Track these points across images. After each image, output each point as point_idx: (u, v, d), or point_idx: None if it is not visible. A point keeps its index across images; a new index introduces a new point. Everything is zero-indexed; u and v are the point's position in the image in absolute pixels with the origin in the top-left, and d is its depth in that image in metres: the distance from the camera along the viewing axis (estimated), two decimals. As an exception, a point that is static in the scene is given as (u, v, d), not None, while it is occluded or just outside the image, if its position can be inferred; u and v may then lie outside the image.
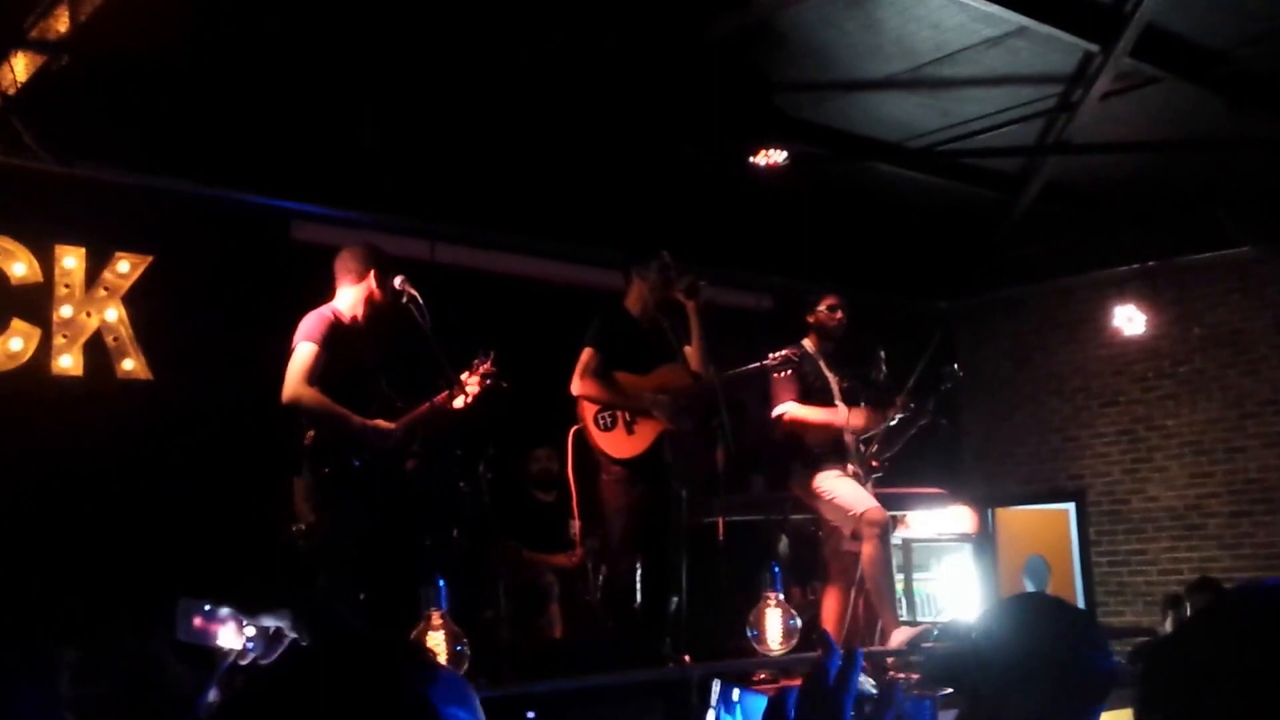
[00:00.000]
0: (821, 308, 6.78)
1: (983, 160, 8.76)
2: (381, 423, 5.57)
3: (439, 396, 5.75)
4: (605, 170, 7.83)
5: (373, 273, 5.77)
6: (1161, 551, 10.13)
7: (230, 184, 7.01)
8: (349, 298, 5.80)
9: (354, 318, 5.78)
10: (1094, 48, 7.00)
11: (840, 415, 6.60)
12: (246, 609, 2.18)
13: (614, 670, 5.64)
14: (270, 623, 2.18)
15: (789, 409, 6.53)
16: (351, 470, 5.54)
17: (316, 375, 5.50)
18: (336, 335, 5.63)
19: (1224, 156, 8.56)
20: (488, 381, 5.84)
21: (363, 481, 5.57)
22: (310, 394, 5.48)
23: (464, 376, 5.84)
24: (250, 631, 2.18)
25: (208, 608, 2.17)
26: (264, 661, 2.15)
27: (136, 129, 6.49)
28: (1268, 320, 9.72)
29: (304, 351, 5.53)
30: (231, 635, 2.18)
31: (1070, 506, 10.77)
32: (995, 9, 6.44)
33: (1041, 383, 10.94)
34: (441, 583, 4.77)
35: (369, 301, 5.78)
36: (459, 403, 5.77)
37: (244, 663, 2.18)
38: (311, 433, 5.57)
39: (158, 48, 6.13)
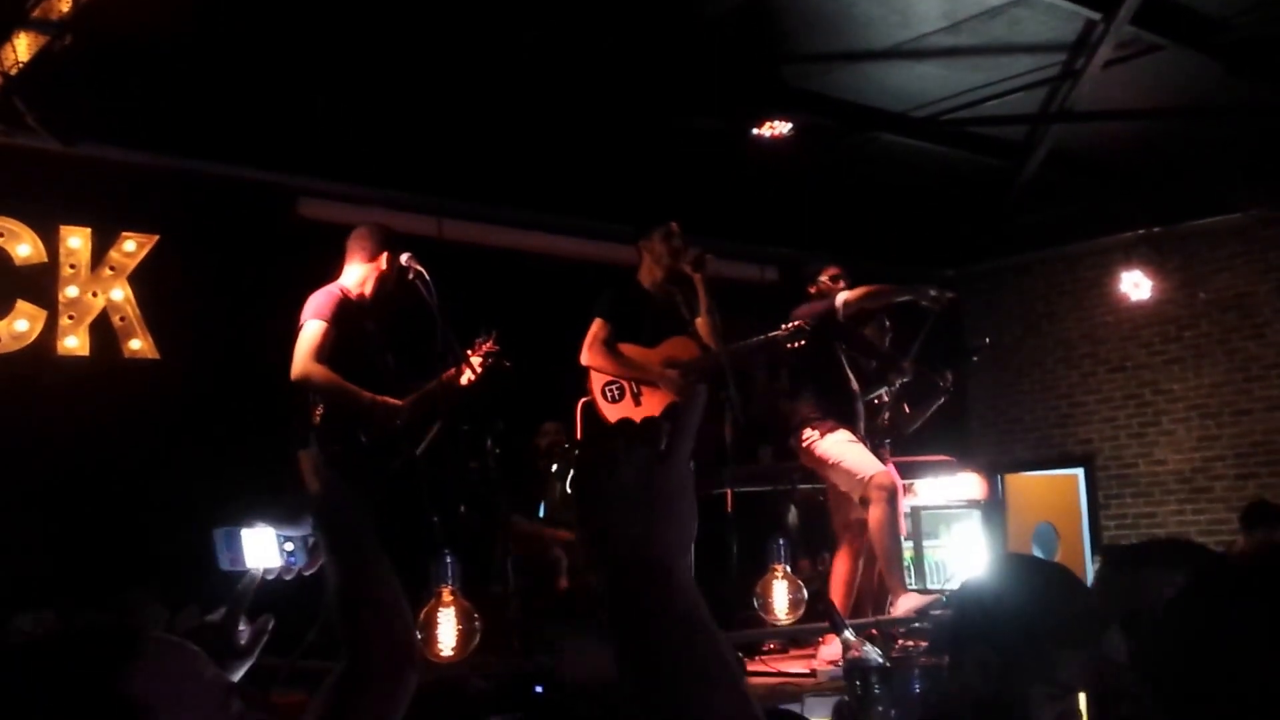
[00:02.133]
0: (824, 278, 6.78)
1: (987, 129, 8.73)
2: (390, 399, 5.59)
3: (446, 374, 5.78)
4: (612, 145, 7.81)
5: (385, 255, 5.77)
6: (1169, 515, 10.17)
7: (236, 161, 6.99)
8: (357, 275, 5.80)
9: (361, 295, 5.78)
10: (1096, 16, 6.98)
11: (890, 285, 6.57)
12: (282, 522, 2.14)
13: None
14: (307, 532, 2.12)
15: (844, 294, 6.47)
16: (360, 447, 5.55)
17: (325, 352, 5.50)
18: (345, 312, 5.64)
19: (1224, 122, 8.52)
20: (490, 360, 5.89)
21: (371, 458, 5.58)
22: (319, 370, 5.49)
23: (467, 354, 5.88)
24: (289, 546, 2.13)
25: (244, 529, 2.13)
26: (307, 573, 2.11)
27: (141, 108, 6.46)
28: (1272, 284, 9.72)
29: (312, 329, 5.54)
30: (273, 553, 2.12)
31: (1079, 472, 10.79)
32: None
33: (1049, 349, 10.95)
34: (450, 558, 4.78)
35: (378, 280, 5.79)
36: (465, 380, 5.82)
37: (287, 577, 2.12)
38: (320, 410, 5.57)
39: (161, 26, 6.05)
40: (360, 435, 5.56)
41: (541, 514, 7.70)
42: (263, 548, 2.12)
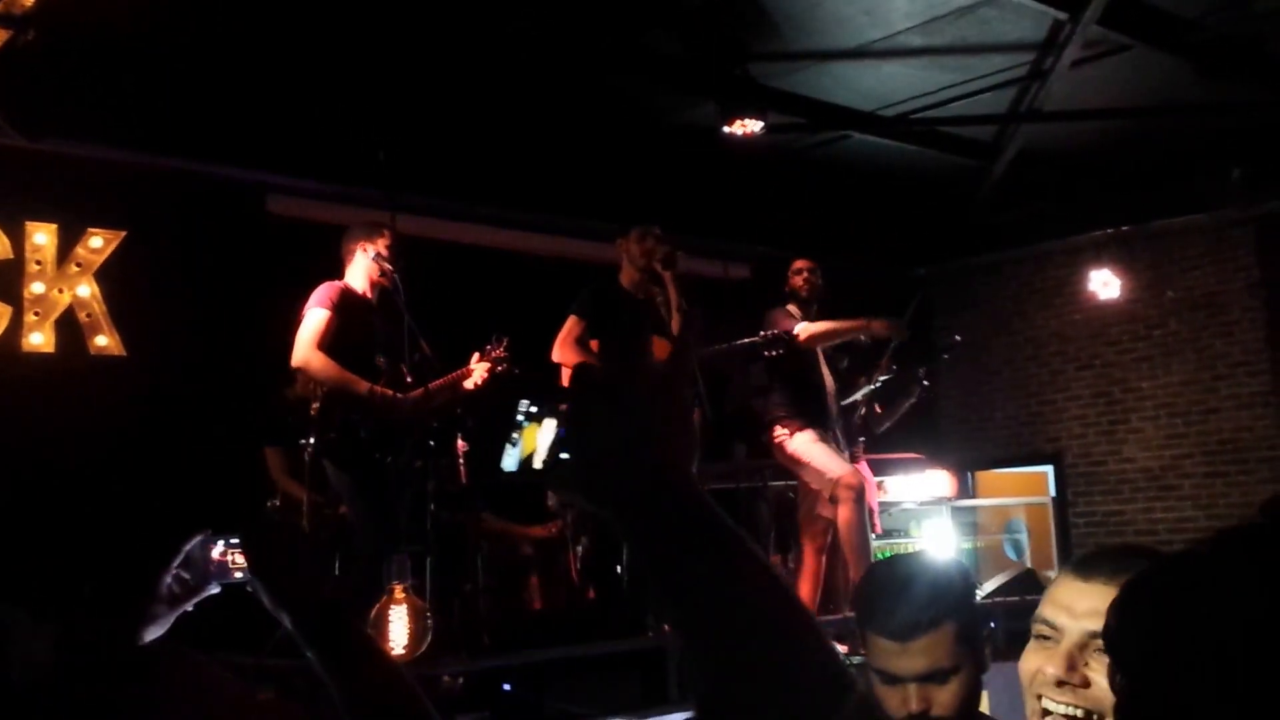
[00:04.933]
0: (797, 278, 6.81)
1: (957, 128, 8.76)
2: (392, 393, 5.63)
3: (450, 375, 5.85)
4: (581, 141, 7.81)
5: (361, 246, 5.86)
6: (1138, 512, 10.22)
7: (205, 157, 6.92)
8: (356, 271, 5.90)
9: (364, 292, 5.88)
10: (1063, 16, 7.00)
11: (860, 322, 6.60)
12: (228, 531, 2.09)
13: (592, 641, 5.67)
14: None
15: (803, 326, 6.53)
16: (357, 439, 5.59)
17: (327, 341, 5.58)
18: (348, 304, 5.73)
19: (1193, 121, 8.57)
20: (499, 367, 5.95)
21: (367, 449, 5.62)
22: (320, 358, 5.56)
23: (475, 360, 6.01)
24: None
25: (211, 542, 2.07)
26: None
27: (107, 103, 6.40)
28: (1240, 284, 9.78)
29: (315, 317, 5.62)
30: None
31: (1049, 469, 10.84)
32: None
33: (1019, 347, 11.00)
34: (404, 556, 4.78)
35: (374, 277, 5.88)
36: (469, 384, 5.89)
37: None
38: (317, 405, 5.65)
39: (126, 20, 6.02)
40: (358, 426, 5.60)
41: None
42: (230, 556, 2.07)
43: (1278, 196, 9.11)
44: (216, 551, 1.97)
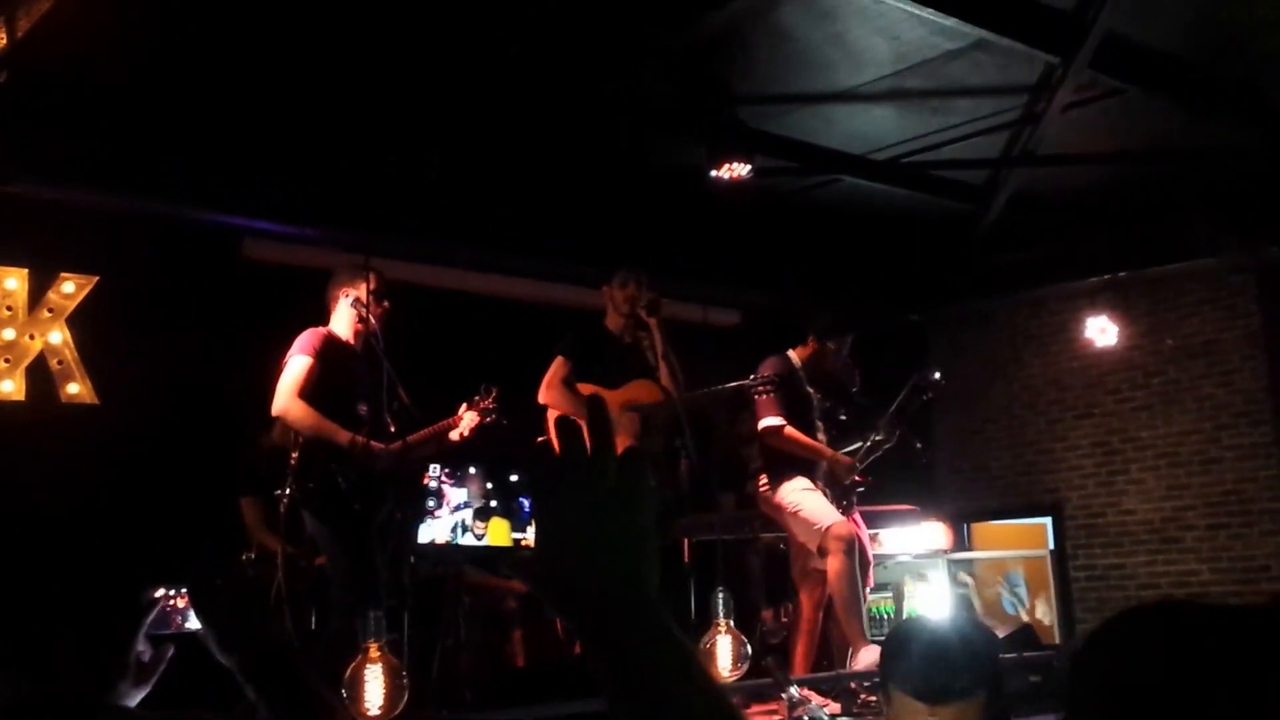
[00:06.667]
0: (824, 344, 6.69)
1: (949, 172, 8.66)
2: (373, 443, 5.56)
3: (436, 426, 5.81)
4: (566, 185, 7.73)
5: (343, 291, 5.83)
6: (1140, 566, 10.01)
7: (179, 200, 6.80)
8: (342, 318, 5.86)
9: (348, 339, 5.84)
10: (1054, 60, 6.91)
11: (826, 453, 6.50)
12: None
13: (578, 699, 5.48)
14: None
15: (785, 425, 6.41)
16: (336, 489, 5.51)
17: (308, 389, 5.51)
18: (330, 351, 5.67)
19: (1190, 166, 8.48)
20: (488, 418, 5.92)
21: (347, 501, 5.53)
22: (300, 407, 5.49)
23: (463, 410, 5.98)
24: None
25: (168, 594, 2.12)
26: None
27: (79, 146, 6.32)
28: (1240, 331, 9.63)
29: (296, 365, 5.56)
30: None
31: (1047, 521, 10.64)
32: (954, 22, 6.34)
33: (1015, 395, 10.83)
34: (379, 612, 4.65)
35: (357, 324, 5.84)
36: (455, 435, 5.85)
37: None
38: (296, 455, 5.55)
39: (99, 63, 5.97)
40: (338, 476, 5.51)
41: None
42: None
43: (1278, 242, 8.98)
44: (168, 602, 2.07)
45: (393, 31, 6.14)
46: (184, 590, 2.15)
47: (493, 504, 6.78)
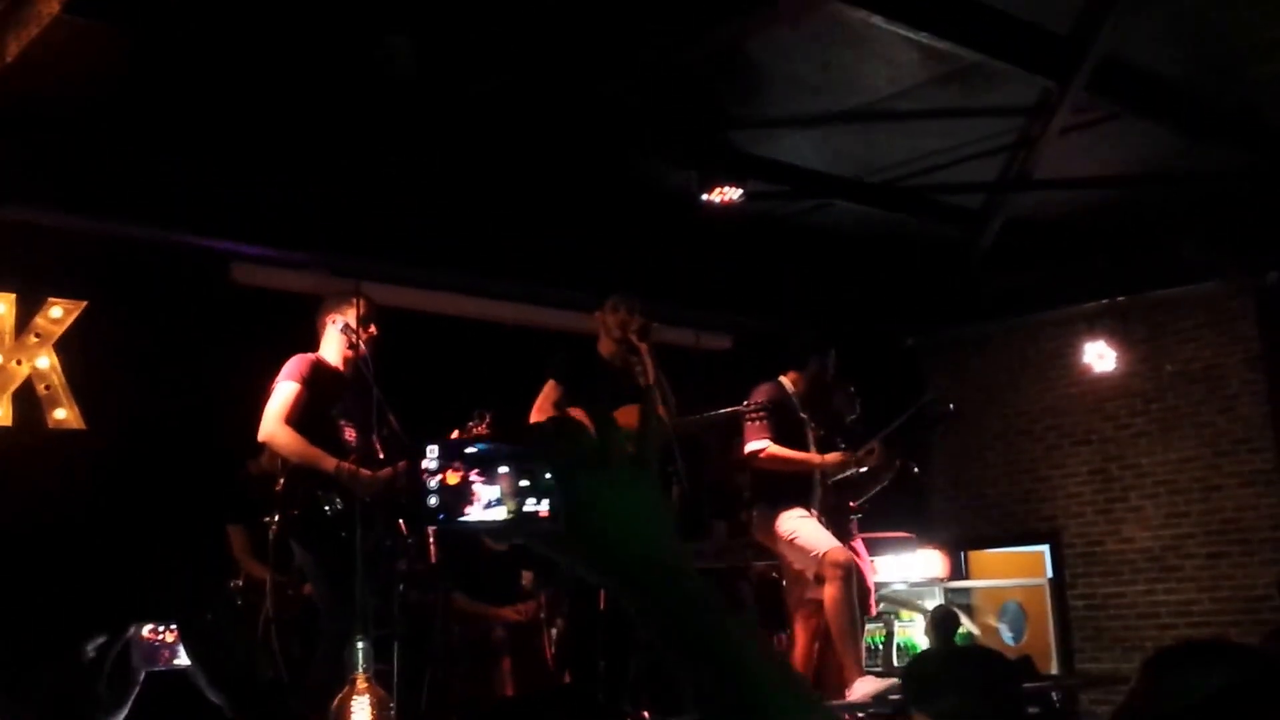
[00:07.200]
0: (823, 365, 6.63)
1: (945, 195, 8.62)
2: (361, 470, 5.50)
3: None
4: (557, 208, 7.71)
5: (331, 317, 5.79)
6: (1140, 595, 9.90)
7: (167, 225, 6.78)
8: (331, 344, 5.81)
9: (337, 365, 5.79)
10: (1050, 83, 6.88)
11: (815, 459, 6.41)
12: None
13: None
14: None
15: (767, 447, 6.35)
16: (323, 516, 5.46)
17: (296, 416, 5.48)
18: (319, 377, 5.63)
19: (1187, 190, 8.44)
20: None
21: (333, 528, 5.47)
22: (286, 433, 5.45)
23: (455, 436, 5.83)
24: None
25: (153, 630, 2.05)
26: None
27: (67, 170, 6.32)
28: (1239, 357, 9.55)
29: (284, 391, 5.52)
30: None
31: (1045, 549, 10.55)
32: (949, 46, 6.32)
33: (1012, 421, 10.73)
34: (367, 643, 4.58)
35: (346, 350, 5.79)
36: None
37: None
38: (282, 480, 5.52)
39: (88, 87, 5.96)
40: (324, 504, 5.46)
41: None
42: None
43: (1277, 266, 8.92)
44: (156, 637, 2.03)
45: (384, 59, 6.13)
46: (173, 625, 2.08)
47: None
